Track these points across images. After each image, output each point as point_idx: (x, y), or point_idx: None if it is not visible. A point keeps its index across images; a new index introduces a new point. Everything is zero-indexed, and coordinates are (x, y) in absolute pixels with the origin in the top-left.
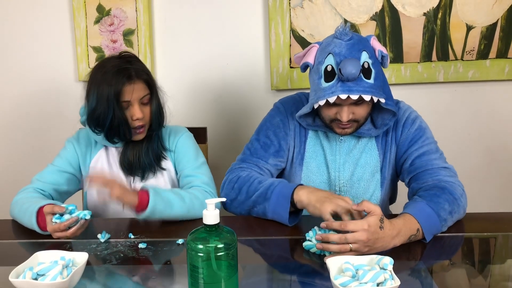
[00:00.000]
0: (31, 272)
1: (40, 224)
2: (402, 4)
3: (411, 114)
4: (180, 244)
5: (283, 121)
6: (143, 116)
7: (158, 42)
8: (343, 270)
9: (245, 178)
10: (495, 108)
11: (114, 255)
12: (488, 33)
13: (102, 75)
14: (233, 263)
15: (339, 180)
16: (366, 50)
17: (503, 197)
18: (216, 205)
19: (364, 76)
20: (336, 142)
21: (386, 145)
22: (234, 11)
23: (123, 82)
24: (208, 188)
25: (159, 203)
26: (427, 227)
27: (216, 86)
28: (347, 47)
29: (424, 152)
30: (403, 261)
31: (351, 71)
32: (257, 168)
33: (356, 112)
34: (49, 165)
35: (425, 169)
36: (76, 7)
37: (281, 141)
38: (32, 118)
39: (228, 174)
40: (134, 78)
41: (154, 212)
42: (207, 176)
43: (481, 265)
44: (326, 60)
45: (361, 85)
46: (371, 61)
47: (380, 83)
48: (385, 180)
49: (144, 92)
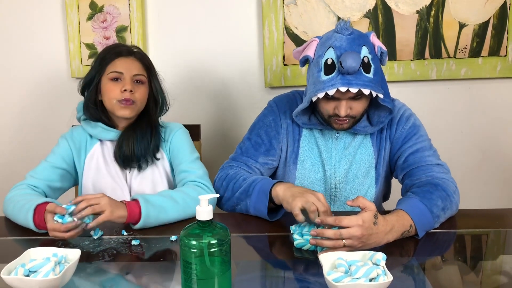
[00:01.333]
0: (23, 268)
1: (36, 221)
2: (395, 2)
3: (405, 111)
4: (173, 240)
5: (275, 120)
6: (133, 91)
7: (151, 39)
8: (336, 265)
9: (231, 176)
10: (488, 106)
11: (107, 252)
12: (481, 31)
13: (105, 48)
14: (227, 259)
15: (335, 177)
16: (366, 45)
17: (495, 193)
18: (210, 202)
19: (364, 70)
20: (332, 140)
21: (381, 142)
22: (228, 8)
23: (117, 54)
24: (202, 182)
25: (151, 210)
26: (420, 223)
27: (210, 83)
28: (348, 41)
29: (418, 149)
30: (396, 257)
31: (352, 64)
32: (246, 167)
33: (353, 107)
34: (42, 162)
35: (418, 165)
36: (68, 4)
37: (272, 140)
38: (25, 116)
39: (218, 172)
40: (131, 55)
41: (148, 221)
42: (201, 170)
43: (473, 261)
44: (327, 54)
45: (361, 79)
46: (370, 56)
47: (379, 79)
48: (380, 177)
49: (138, 70)
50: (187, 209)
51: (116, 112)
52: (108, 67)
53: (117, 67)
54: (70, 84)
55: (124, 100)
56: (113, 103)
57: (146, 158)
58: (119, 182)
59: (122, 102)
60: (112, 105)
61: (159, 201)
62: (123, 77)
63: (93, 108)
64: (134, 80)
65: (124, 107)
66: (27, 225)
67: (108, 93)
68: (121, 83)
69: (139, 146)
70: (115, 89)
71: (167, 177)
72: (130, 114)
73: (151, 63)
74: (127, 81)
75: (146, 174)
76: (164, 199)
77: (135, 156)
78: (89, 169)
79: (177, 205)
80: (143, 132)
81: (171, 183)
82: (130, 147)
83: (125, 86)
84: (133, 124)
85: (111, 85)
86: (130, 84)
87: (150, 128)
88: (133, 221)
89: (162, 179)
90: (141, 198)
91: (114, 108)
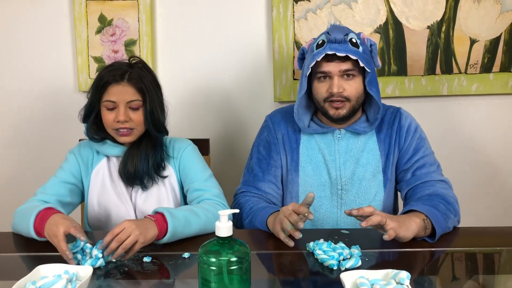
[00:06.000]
0: (34, 286)
1: (36, 226)
2: (406, 17)
3: (412, 121)
4: (186, 258)
5: (270, 134)
6: (128, 120)
7: (160, 53)
8: (357, 285)
9: (240, 206)
10: (499, 122)
11: (118, 269)
12: (492, 46)
13: (101, 71)
14: (246, 277)
15: (341, 179)
16: (355, 35)
17: (506, 210)
18: (229, 217)
19: (352, 45)
20: (334, 141)
21: (390, 147)
22: (238, 22)
23: (110, 81)
24: (219, 201)
25: (178, 225)
26: (431, 215)
27: (219, 97)
28: (338, 28)
29: (424, 164)
30: (419, 275)
31: (338, 32)
32: (256, 190)
33: (346, 88)
34: (52, 178)
35: (423, 181)
36: (77, 17)
37: (271, 153)
38: (32, 129)
39: (233, 201)
40: (123, 81)
41: (174, 235)
42: (217, 188)
43: (489, 281)
44: (319, 38)
45: (348, 48)
46: (359, 41)
47: (367, 58)
48: (388, 181)
49: (133, 97)
50: (208, 223)
51: (117, 139)
52: (103, 95)
53: (110, 96)
54: (77, 97)
55: (121, 129)
56: (111, 131)
57: (151, 176)
58: (124, 200)
59: (119, 132)
60: (113, 134)
61: (184, 215)
62: (117, 105)
63: (96, 131)
64: (128, 107)
65: (122, 135)
66: (28, 232)
67: (105, 122)
68: (115, 112)
69: (143, 164)
70: (110, 118)
71: (174, 195)
72: (131, 140)
73: (148, 81)
74: (121, 111)
75: (151, 192)
76: (187, 213)
77: (139, 174)
78: (95, 185)
79: (199, 219)
80: (148, 150)
81: (177, 202)
82: (134, 165)
83: (118, 117)
84: (138, 141)
85: (106, 113)
86: (124, 114)
87: (154, 146)
88: (160, 236)
89: (168, 197)
90: (166, 212)
91: (114, 135)
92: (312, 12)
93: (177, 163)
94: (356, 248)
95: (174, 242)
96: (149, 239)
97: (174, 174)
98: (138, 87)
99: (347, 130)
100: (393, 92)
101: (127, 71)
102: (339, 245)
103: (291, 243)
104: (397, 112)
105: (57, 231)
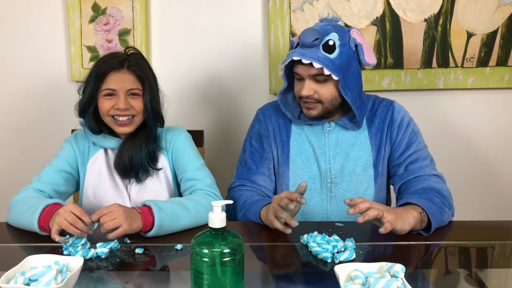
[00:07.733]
0: (23, 277)
1: (41, 222)
2: (403, 10)
3: (405, 115)
4: (179, 249)
5: (261, 126)
6: (128, 107)
7: (155, 43)
8: (352, 277)
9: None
10: (494, 116)
11: (110, 260)
12: (489, 40)
13: (97, 61)
14: (239, 269)
15: (331, 172)
16: (338, 33)
17: (501, 205)
18: (222, 208)
19: (325, 49)
20: (324, 134)
21: (381, 142)
22: (233, 13)
23: (109, 69)
24: (211, 191)
25: (165, 219)
26: (427, 209)
27: (214, 88)
28: (318, 25)
29: (418, 159)
30: (413, 269)
31: (306, 36)
32: (250, 183)
33: (318, 90)
34: (47, 166)
35: (416, 175)
36: (70, 5)
37: (264, 145)
38: (24, 119)
39: (228, 194)
40: (123, 68)
41: (161, 229)
42: (209, 177)
43: (482, 274)
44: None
45: (316, 54)
46: (339, 43)
47: (342, 65)
48: (379, 176)
49: (133, 85)
50: (198, 217)
51: (115, 129)
52: (102, 84)
53: (109, 84)
54: (70, 87)
55: (120, 117)
56: (107, 119)
57: (145, 169)
58: (119, 192)
59: (117, 121)
60: (109, 122)
61: (172, 208)
62: (117, 93)
63: (95, 123)
64: (129, 94)
65: (122, 125)
66: (31, 224)
67: (101, 110)
68: (114, 99)
69: (137, 157)
70: (108, 105)
71: (169, 186)
72: (130, 130)
73: (147, 71)
74: (121, 99)
75: (146, 184)
76: (176, 206)
77: (134, 166)
78: (90, 175)
79: (188, 212)
80: (142, 142)
81: (172, 193)
82: (129, 157)
83: (118, 105)
84: (133, 134)
85: (103, 100)
86: (124, 102)
87: (149, 138)
88: (146, 229)
89: (162, 189)
90: (154, 205)
91: (112, 125)
92: (309, 3)
93: (169, 154)
94: (350, 241)
95: (166, 234)
96: (133, 229)
97: (168, 166)
98: (138, 75)
99: (336, 123)
100: (389, 85)
101: (126, 59)
102: (333, 238)
103: (288, 230)
104: (390, 105)
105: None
